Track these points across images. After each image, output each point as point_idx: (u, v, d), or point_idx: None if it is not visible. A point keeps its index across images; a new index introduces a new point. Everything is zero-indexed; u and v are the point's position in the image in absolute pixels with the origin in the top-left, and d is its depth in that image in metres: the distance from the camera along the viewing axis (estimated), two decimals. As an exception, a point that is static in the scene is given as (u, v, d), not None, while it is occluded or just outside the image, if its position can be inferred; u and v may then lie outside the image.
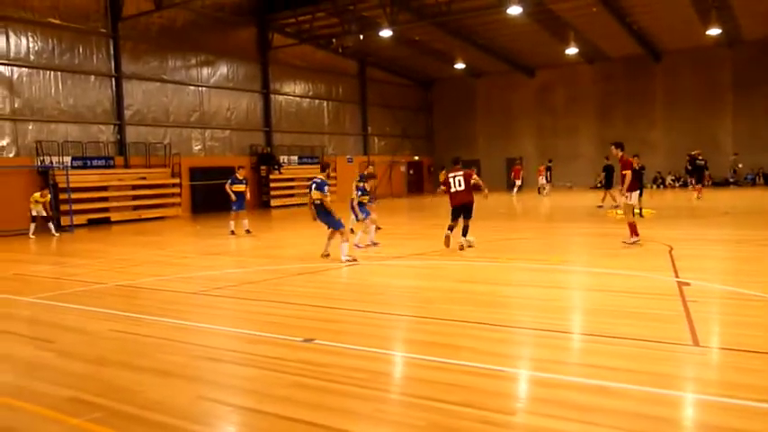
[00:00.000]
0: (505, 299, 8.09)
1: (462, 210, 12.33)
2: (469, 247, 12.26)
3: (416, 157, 40.79)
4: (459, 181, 12.29)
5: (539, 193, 31.18)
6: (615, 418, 3.98)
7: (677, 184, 34.03)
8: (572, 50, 31.28)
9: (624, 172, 12.72)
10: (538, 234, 15.48)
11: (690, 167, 27.92)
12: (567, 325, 6.71)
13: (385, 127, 39.32)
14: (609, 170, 22.13)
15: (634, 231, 12.24)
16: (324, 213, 11.51)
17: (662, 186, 34.06)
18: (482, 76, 39.76)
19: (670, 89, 34.71)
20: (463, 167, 12.74)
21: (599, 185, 25.55)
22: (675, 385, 4.63)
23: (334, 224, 11.52)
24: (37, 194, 19.38)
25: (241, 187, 16.87)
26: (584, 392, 4.49)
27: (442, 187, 12.69)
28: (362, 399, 4.48)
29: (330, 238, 11.80)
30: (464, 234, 12.32)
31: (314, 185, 11.58)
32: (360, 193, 13.77)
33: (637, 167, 18.17)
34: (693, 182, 27.15)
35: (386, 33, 28.00)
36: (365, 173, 14.88)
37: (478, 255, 11.75)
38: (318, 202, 11.48)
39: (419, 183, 41.20)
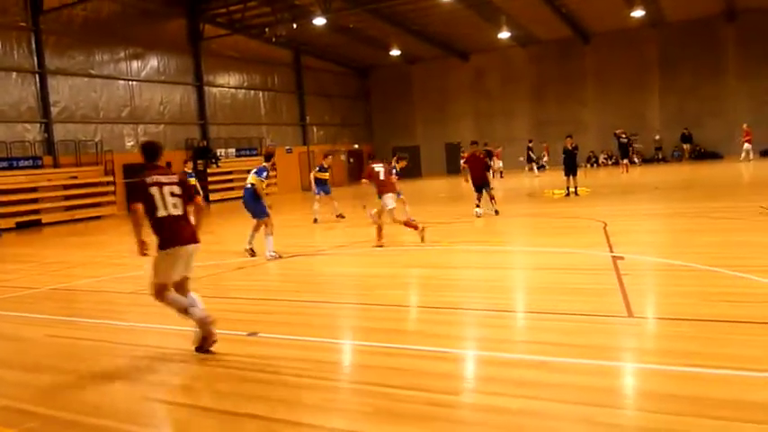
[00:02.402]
0: (448, 282, 8.19)
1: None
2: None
3: (356, 146, 40.73)
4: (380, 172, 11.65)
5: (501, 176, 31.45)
6: (559, 391, 4.09)
7: (610, 162, 35.09)
8: (504, 34, 31.76)
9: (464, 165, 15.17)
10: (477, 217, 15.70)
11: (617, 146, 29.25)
12: (509, 304, 6.86)
13: (323, 116, 39.08)
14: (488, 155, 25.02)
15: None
16: (252, 200, 10.77)
17: (595, 165, 35.06)
18: (417, 61, 39.94)
19: (599, 70, 35.69)
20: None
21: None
22: (613, 356, 4.79)
23: (259, 213, 10.77)
24: None
25: (325, 174, 17.42)
26: (528, 368, 4.60)
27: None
28: (309, 389, 4.47)
29: (255, 230, 11.06)
30: None
31: (253, 171, 10.97)
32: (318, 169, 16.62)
33: (570, 147, 18.74)
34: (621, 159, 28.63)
35: (319, 21, 27.74)
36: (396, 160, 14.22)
37: (418, 241, 11.83)
38: (250, 186, 10.78)
39: (359, 171, 41.14)
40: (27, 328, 7.13)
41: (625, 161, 28.98)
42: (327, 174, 17.34)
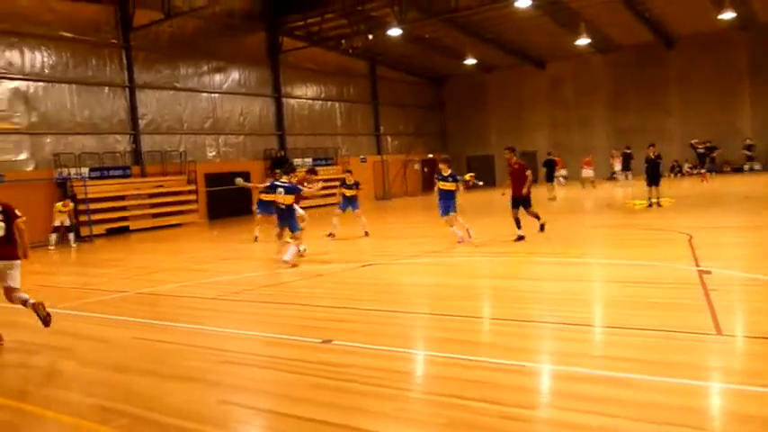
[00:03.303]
0: (523, 293, 8.06)
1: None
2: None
3: (430, 155, 40.69)
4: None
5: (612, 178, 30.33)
6: (638, 410, 3.95)
7: (695, 172, 33.62)
8: (583, 41, 31.04)
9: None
10: (553, 227, 15.38)
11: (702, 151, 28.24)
12: (586, 317, 6.67)
13: (398, 125, 39.30)
14: (550, 164, 24.94)
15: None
16: (289, 216, 11.67)
17: (679, 175, 33.70)
18: (493, 70, 39.60)
19: (684, 76, 34.30)
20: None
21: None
22: (699, 375, 4.58)
23: (295, 227, 11.76)
24: (59, 204, 19.66)
25: (352, 192, 16.45)
26: (606, 385, 4.46)
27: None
28: (382, 398, 4.49)
29: (281, 237, 11.95)
30: None
31: (282, 190, 11.54)
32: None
33: (653, 156, 18.09)
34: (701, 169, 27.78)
35: (395, 32, 27.97)
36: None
37: (495, 250, 11.71)
38: (284, 206, 11.60)
39: (433, 180, 41.12)
40: (115, 331, 7.50)
41: (703, 171, 27.89)
42: (353, 191, 16.27)
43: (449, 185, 12.83)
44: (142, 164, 25.09)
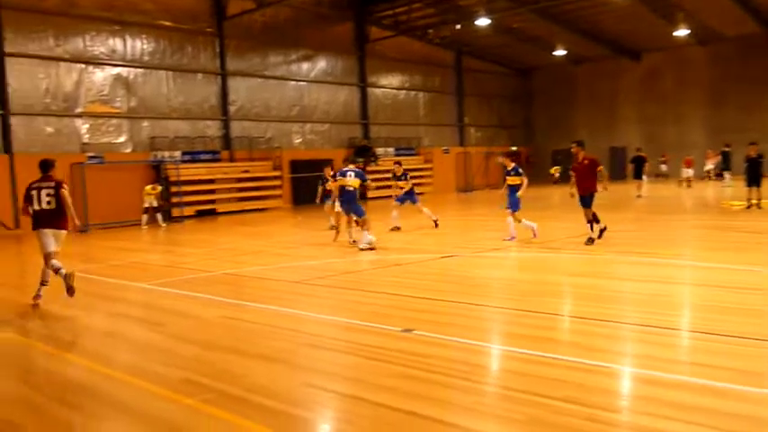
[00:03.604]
0: (608, 293, 7.81)
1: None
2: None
3: (514, 147, 39.99)
4: None
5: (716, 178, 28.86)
6: (725, 419, 3.77)
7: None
8: (682, 32, 29.60)
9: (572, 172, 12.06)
10: (643, 226, 14.83)
11: None
12: (674, 321, 6.39)
13: (481, 117, 38.84)
14: (639, 161, 23.62)
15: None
16: (353, 201, 12.25)
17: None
18: (583, 62, 38.38)
19: (793, 70, 32.10)
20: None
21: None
22: (797, 388, 4.32)
23: (361, 212, 12.21)
24: (148, 187, 20.65)
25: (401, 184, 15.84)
26: (694, 392, 4.28)
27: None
28: (462, 391, 4.47)
29: (350, 225, 12.79)
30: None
31: (352, 174, 12.32)
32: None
33: (754, 156, 17.08)
34: None
35: (483, 22, 27.61)
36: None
37: (582, 248, 11.39)
38: (351, 189, 12.22)
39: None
40: (204, 308, 7.81)
41: None
42: (404, 183, 15.47)
43: (513, 180, 12.55)
44: (231, 149, 25.95)
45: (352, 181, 12.24)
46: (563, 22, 30.57)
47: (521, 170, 12.74)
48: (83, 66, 21.89)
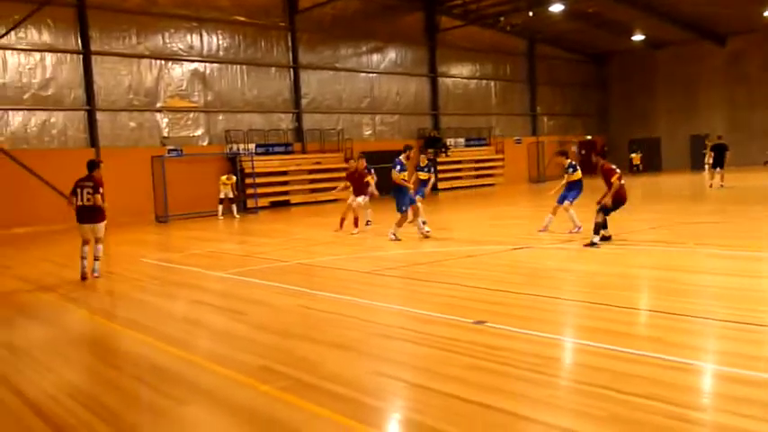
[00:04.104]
0: (689, 287, 7.50)
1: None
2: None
3: (589, 137, 38.93)
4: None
5: None
6: (824, 423, 3.56)
7: None
8: (771, 12, 27.98)
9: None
10: (730, 217, 14.16)
11: None
12: (761, 317, 6.08)
13: (554, 105, 37.94)
14: (720, 149, 22.19)
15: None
16: (395, 194, 12.53)
17: None
18: (663, 47, 36.83)
19: None
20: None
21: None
22: None
23: (399, 207, 12.41)
24: (224, 177, 21.29)
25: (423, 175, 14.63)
26: (784, 392, 4.06)
27: (620, 182, 10.52)
28: (536, 384, 4.41)
29: (412, 219, 12.78)
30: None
31: (399, 167, 12.41)
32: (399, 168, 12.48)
33: None
34: None
35: (557, 8, 26.92)
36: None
37: (661, 240, 11.00)
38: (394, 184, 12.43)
39: (591, 163, 39.24)
40: (280, 297, 7.99)
41: None
42: (427, 174, 13.94)
43: (571, 177, 12.37)
44: (303, 141, 26.38)
45: (395, 175, 12.41)
46: (641, 5, 29.42)
47: (577, 166, 12.61)
48: (162, 62, 22.73)
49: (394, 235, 12.30)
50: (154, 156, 21.55)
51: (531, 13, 29.25)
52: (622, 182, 10.55)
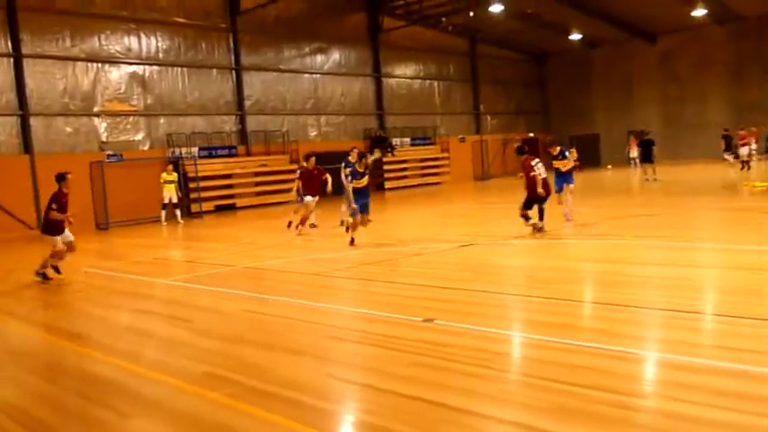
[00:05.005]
0: (629, 278, 7.74)
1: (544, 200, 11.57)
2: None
3: (531, 134, 39.69)
4: (543, 171, 11.59)
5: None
6: (754, 403, 3.73)
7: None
8: (699, 12, 29.12)
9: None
10: (665, 210, 14.67)
11: None
12: (697, 305, 6.34)
13: (497, 104, 38.55)
14: (647, 144, 22.99)
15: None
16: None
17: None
18: (599, 45, 37.89)
19: (814, 47, 31.46)
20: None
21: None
22: (828, 371, 4.26)
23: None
24: (164, 174, 20.64)
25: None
26: (721, 376, 4.23)
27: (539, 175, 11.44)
28: (485, 379, 4.47)
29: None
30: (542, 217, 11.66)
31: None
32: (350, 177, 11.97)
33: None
34: None
35: (496, 8, 27.35)
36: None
37: (600, 233, 11.32)
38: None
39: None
40: (227, 303, 7.86)
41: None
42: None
43: (561, 163, 12.82)
44: (247, 143, 26.05)
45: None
46: (577, 5, 30.20)
47: (566, 153, 13.06)
48: (99, 65, 22.05)
49: (351, 240, 11.82)
50: (92, 161, 20.88)
51: (471, 14, 29.64)
52: (542, 175, 11.38)
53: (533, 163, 11.52)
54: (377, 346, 5.57)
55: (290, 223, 14.94)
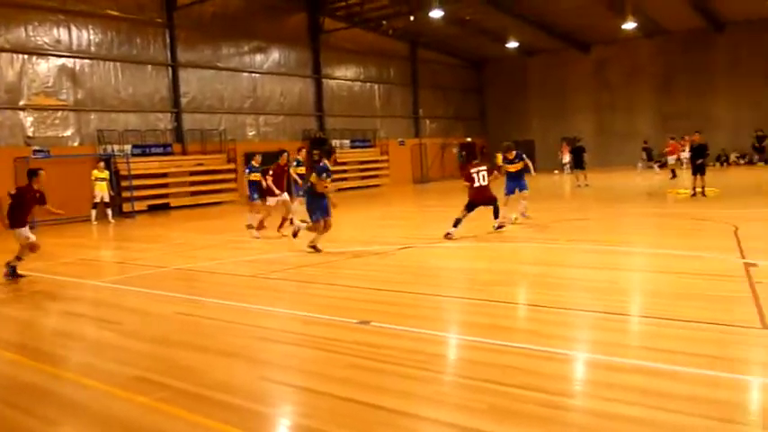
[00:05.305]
0: (563, 281, 7.95)
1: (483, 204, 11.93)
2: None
3: (469, 139, 40.34)
4: (483, 176, 11.86)
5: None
6: (679, 402, 3.88)
7: (742, 162, 32.73)
8: (629, 25, 30.27)
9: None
10: (597, 215, 15.15)
11: (757, 144, 26.81)
12: (626, 307, 6.56)
13: (437, 109, 38.99)
14: (578, 151, 23.89)
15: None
16: (311, 199, 10.83)
17: (726, 164, 32.79)
18: (535, 54, 38.90)
19: (734, 62, 33.18)
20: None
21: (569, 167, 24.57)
22: (741, 369, 4.48)
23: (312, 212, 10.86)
24: (95, 171, 19.95)
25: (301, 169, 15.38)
26: (647, 376, 4.38)
27: (465, 183, 12.04)
28: (421, 381, 4.49)
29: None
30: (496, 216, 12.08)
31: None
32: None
33: (696, 145, 17.67)
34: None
35: (436, 14, 27.65)
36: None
37: (535, 237, 11.58)
38: (311, 184, 10.93)
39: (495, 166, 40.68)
40: (156, 305, 7.65)
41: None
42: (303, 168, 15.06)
43: (516, 166, 13.48)
44: (183, 142, 25.45)
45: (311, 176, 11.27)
46: (515, 14, 30.87)
47: (523, 156, 13.80)
48: (25, 56, 21.08)
49: (312, 246, 10.86)
50: (17, 157, 19.94)
51: (412, 18, 29.88)
52: (481, 183, 11.83)
53: (473, 171, 11.90)
54: (313, 348, 5.53)
55: (251, 225, 14.18)
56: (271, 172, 14.10)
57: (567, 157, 30.70)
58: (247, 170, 14.72)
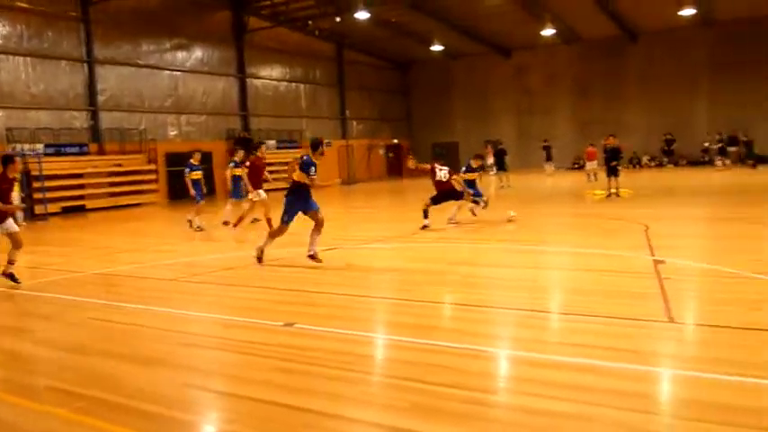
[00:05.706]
0: (486, 280, 8.16)
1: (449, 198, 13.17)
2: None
3: (395, 140, 40.68)
4: (445, 174, 13.05)
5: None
6: (595, 395, 4.05)
7: (653, 164, 34.43)
8: (548, 31, 31.32)
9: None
10: (521, 215, 15.56)
11: (667, 148, 28.26)
12: (545, 304, 6.80)
13: (363, 110, 39.12)
14: (500, 153, 25.32)
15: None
16: (294, 198, 9.69)
17: (638, 166, 34.41)
18: (459, 57, 39.66)
19: (646, 70, 34.91)
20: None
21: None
22: (652, 361, 4.72)
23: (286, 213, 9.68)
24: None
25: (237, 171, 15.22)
26: (564, 371, 4.55)
27: (426, 165, 13.56)
28: (346, 381, 4.51)
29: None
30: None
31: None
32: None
33: (610, 148, 18.51)
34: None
35: (362, 15, 27.75)
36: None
37: (459, 237, 11.81)
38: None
39: (398, 165, 41.14)
40: (71, 311, 7.33)
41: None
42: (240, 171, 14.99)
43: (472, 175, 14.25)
44: (100, 141, 24.50)
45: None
46: (440, 18, 31.39)
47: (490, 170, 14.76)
48: (-75, 49, 19.83)
49: (260, 251, 9.75)
50: None
51: (338, 19, 29.88)
52: (443, 179, 13.01)
53: (437, 167, 13.14)
54: (234, 351, 5.45)
55: (269, 221, 13.52)
56: (248, 163, 13.83)
57: (490, 159, 31.39)
58: (188, 169, 14.73)
